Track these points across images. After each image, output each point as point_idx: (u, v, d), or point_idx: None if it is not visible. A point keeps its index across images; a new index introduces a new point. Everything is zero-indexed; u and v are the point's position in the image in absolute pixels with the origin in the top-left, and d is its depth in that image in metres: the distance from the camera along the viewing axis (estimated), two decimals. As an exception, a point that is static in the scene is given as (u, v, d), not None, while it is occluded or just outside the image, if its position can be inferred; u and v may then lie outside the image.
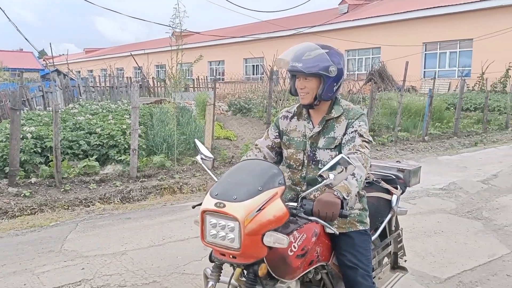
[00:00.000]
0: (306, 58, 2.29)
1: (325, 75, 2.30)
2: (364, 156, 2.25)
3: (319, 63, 2.29)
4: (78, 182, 6.64)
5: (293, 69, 2.32)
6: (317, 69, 2.28)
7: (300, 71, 2.30)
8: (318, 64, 2.28)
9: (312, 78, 2.33)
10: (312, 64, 2.28)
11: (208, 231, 1.97)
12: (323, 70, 2.29)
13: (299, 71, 2.31)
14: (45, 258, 4.20)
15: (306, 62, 2.28)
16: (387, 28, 24.84)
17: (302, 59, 2.29)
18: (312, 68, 2.28)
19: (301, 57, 2.30)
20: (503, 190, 6.72)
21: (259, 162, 2.22)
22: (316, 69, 2.28)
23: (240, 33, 32.95)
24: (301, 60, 2.29)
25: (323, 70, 2.29)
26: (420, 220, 5.24)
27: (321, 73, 2.29)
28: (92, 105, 11.17)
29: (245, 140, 10.41)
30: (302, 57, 2.30)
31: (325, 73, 2.29)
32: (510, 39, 19.26)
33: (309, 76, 2.32)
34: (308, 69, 2.28)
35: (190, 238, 4.72)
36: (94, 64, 42.99)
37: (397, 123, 11.12)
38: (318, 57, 2.30)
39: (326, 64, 2.29)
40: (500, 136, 12.48)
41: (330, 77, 2.31)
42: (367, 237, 2.44)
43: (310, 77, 2.32)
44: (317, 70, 2.28)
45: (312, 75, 2.31)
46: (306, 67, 2.28)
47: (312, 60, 2.28)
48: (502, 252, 4.31)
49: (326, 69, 2.29)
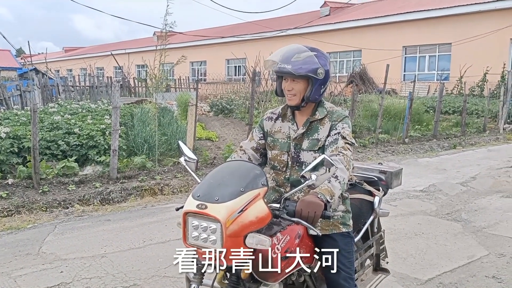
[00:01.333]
0: (295, 60, 2.28)
1: (314, 77, 2.30)
2: (346, 158, 2.26)
3: (308, 65, 2.29)
4: (56, 183, 6.52)
5: (282, 70, 2.31)
6: (306, 71, 2.28)
7: (290, 73, 2.29)
8: (307, 66, 2.28)
9: (300, 80, 2.33)
10: (301, 66, 2.28)
11: (190, 233, 1.94)
12: (311, 72, 2.29)
13: (288, 73, 2.30)
14: (23, 261, 4.11)
15: (295, 64, 2.28)
16: (368, 31, 25.10)
17: (291, 60, 2.28)
18: (301, 70, 2.27)
19: (290, 59, 2.29)
20: (481, 192, 6.83)
21: (241, 163, 2.21)
22: (305, 71, 2.28)
23: (223, 33, 32.91)
24: (290, 62, 2.28)
25: (311, 72, 2.29)
26: (401, 221, 5.29)
27: (310, 75, 2.29)
28: (72, 105, 11.00)
29: (227, 141, 10.37)
30: (291, 58, 2.29)
31: (314, 75, 2.29)
32: (487, 44, 19.66)
33: (298, 78, 2.32)
34: (297, 71, 2.27)
35: (171, 240, 4.67)
36: (74, 63, 42.34)
37: (378, 125, 11.23)
38: (307, 59, 2.30)
39: (314, 66, 2.30)
40: (478, 139, 12.71)
41: (318, 79, 2.32)
42: (350, 239, 2.44)
43: (298, 79, 2.32)
44: (306, 72, 2.28)
45: (301, 77, 2.31)
46: (295, 68, 2.27)
47: (301, 62, 2.28)
48: (480, 254, 4.37)
49: (315, 71, 2.29)
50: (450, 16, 21.63)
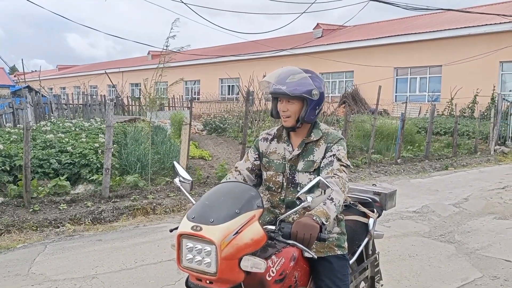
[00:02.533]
0: (290, 81, 2.32)
1: (308, 98, 2.33)
2: (342, 181, 2.27)
3: (303, 86, 2.32)
4: (47, 202, 6.44)
5: (277, 91, 2.34)
6: (300, 92, 2.31)
7: (284, 94, 2.32)
8: (301, 87, 2.32)
9: (295, 101, 2.35)
10: (296, 87, 2.31)
11: (184, 255, 1.92)
12: (306, 93, 2.32)
13: (283, 94, 2.33)
14: (12, 282, 4.03)
15: (290, 85, 2.31)
16: (360, 53, 25.41)
17: (286, 82, 2.32)
18: (296, 91, 2.30)
19: (285, 80, 2.33)
20: (473, 213, 6.85)
21: (236, 184, 2.20)
22: (300, 92, 2.31)
23: (216, 53, 33.15)
24: (285, 83, 2.32)
25: (306, 93, 2.32)
26: (394, 243, 5.27)
27: (305, 96, 2.32)
28: (65, 123, 10.96)
29: (220, 160, 10.35)
30: (286, 80, 2.33)
31: (308, 96, 2.32)
32: (477, 67, 19.95)
33: (292, 99, 2.34)
34: (292, 91, 2.30)
35: (163, 261, 4.62)
36: (67, 81, 42.39)
37: (370, 145, 11.28)
38: (301, 80, 2.33)
39: (309, 87, 2.33)
40: (469, 160, 12.79)
41: (312, 100, 2.34)
42: (345, 262, 2.43)
43: (293, 100, 2.35)
44: (300, 93, 2.31)
45: (296, 98, 2.34)
46: (290, 89, 2.30)
47: (296, 83, 2.32)
48: (474, 276, 4.36)
49: (309, 93, 2.32)
50: (440, 39, 21.98)
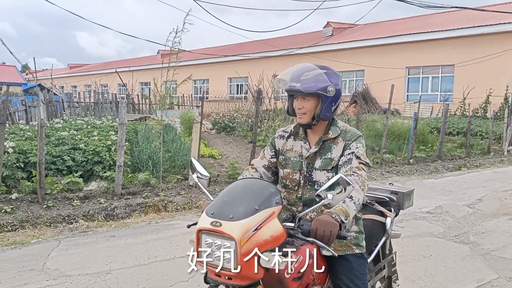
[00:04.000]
0: (304, 78, 2.29)
1: (323, 95, 2.30)
2: (361, 179, 2.23)
3: (318, 83, 2.29)
4: (61, 198, 6.49)
5: (292, 88, 2.31)
6: (315, 89, 2.28)
7: (299, 91, 2.29)
8: (316, 84, 2.28)
9: (310, 98, 2.32)
10: (310, 84, 2.28)
11: (203, 250, 1.91)
12: (321, 90, 2.28)
13: (297, 91, 2.30)
14: (27, 277, 4.06)
15: (304, 82, 2.28)
16: (371, 52, 25.26)
17: (301, 79, 2.29)
18: (311, 88, 2.27)
19: (300, 77, 2.29)
20: (488, 214, 6.77)
21: (255, 181, 2.19)
22: (315, 89, 2.28)
23: (226, 52, 33.16)
24: (299, 80, 2.29)
25: (321, 90, 2.28)
26: (408, 243, 5.23)
27: (320, 93, 2.28)
28: (77, 121, 11.03)
29: (230, 158, 10.36)
30: (300, 77, 2.29)
31: (323, 93, 2.29)
32: (490, 66, 19.74)
33: (307, 96, 2.31)
34: (306, 88, 2.27)
35: (175, 258, 4.62)
36: (78, 79, 42.67)
37: (382, 145, 11.20)
38: (316, 77, 2.30)
39: (324, 84, 2.29)
40: (482, 161, 12.66)
41: (328, 97, 2.31)
42: (364, 260, 2.40)
43: (308, 97, 2.32)
44: (315, 90, 2.28)
45: (310, 95, 2.30)
46: (304, 87, 2.27)
47: (310, 80, 2.28)
48: (490, 277, 4.31)
49: (324, 89, 2.29)
50: (453, 38, 21.77)
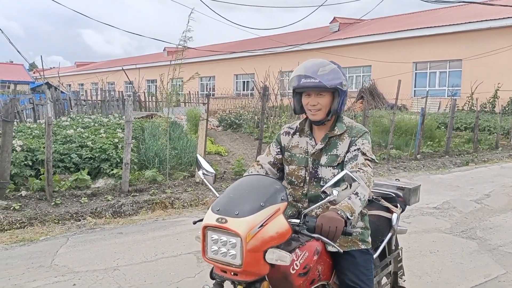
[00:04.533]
0: (322, 73, 2.25)
1: (340, 90, 2.29)
2: (367, 175, 2.23)
3: (336, 78, 2.27)
4: (69, 195, 6.54)
5: (308, 84, 2.26)
6: (335, 83, 2.26)
7: (319, 86, 2.25)
8: (335, 79, 2.27)
9: (325, 94, 2.30)
10: (330, 79, 2.25)
11: (209, 247, 1.92)
12: (339, 85, 2.28)
13: (317, 87, 2.26)
14: (35, 273, 4.10)
15: (323, 77, 2.25)
16: (378, 47, 25.15)
17: (318, 74, 2.25)
18: (332, 83, 2.25)
19: (317, 73, 2.25)
20: (495, 209, 6.74)
21: (261, 177, 2.19)
22: (335, 83, 2.26)
23: (232, 49, 33.16)
24: (317, 76, 2.25)
25: (339, 84, 2.28)
26: (415, 239, 5.21)
27: (338, 88, 2.28)
28: (84, 119, 11.09)
29: (236, 155, 10.37)
30: (317, 72, 2.26)
31: (341, 87, 2.29)
32: (498, 61, 19.59)
33: (323, 92, 2.29)
34: (329, 83, 2.25)
35: (182, 254, 4.65)
36: (85, 78, 42.90)
37: (389, 141, 11.15)
38: (332, 71, 2.28)
39: (341, 78, 2.29)
40: (490, 156, 12.58)
41: (344, 92, 2.31)
42: (369, 256, 2.40)
43: (324, 93, 2.30)
44: (335, 84, 2.26)
45: (326, 91, 2.28)
46: (327, 82, 2.24)
47: (329, 75, 2.26)
48: (497, 273, 4.29)
49: (341, 84, 2.29)
50: (460, 33, 21.63)
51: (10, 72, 31.79)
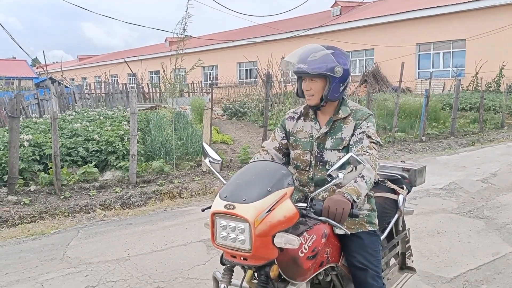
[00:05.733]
0: (311, 59, 2.28)
1: (331, 76, 2.29)
2: (372, 158, 2.24)
3: (325, 64, 2.28)
4: (78, 189, 6.61)
5: (299, 70, 2.31)
6: (322, 70, 2.27)
7: (305, 73, 2.30)
8: (323, 65, 2.28)
9: (318, 79, 2.32)
10: (317, 65, 2.27)
11: (218, 233, 1.95)
12: (328, 71, 2.28)
13: (304, 73, 2.30)
14: (48, 266, 4.17)
15: (311, 63, 2.28)
16: (380, 30, 24.94)
17: (308, 60, 2.28)
18: (318, 69, 2.27)
19: (307, 59, 2.29)
20: (502, 188, 6.74)
21: (267, 163, 2.21)
22: (322, 70, 2.27)
23: (233, 37, 32.99)
24: (306, 62, 2.28)
25: (328, 70, 2.28)
26: (422, 220, 5.24)
27: (327, 74, 2.28)
28: (89, 112, 11.14)
29: (242, 143, 10.40)
30: (307, 58, 2.29)
31: (331, 73, 2.28)
32: (502, 39, 19.39)
33: (315, 77, 2.31)
34: (313, 70, 2.27)
35: (192, 243, 4.70)
36: (88, 71, 42.92)
37: (394, 124, 11.14)
38: (323, 58, 2.29)
39: (331, 64, 2.29)
40: (496, 135, 12.54)
41: (335, 78, 2.31)
42: (377, 238, 2.43)
43: (316, 78, 2.32)
44: (322, 71, 2.27)
45: (318, 76, 2.30)
46: (311, 68, 2.27)
47: (317, 61, 2.28)
48: (506, 251, 4.32)
49: (332, 70, 2.29)
50: (463, 12, 21.38)
51: (13, 68, 31.87)
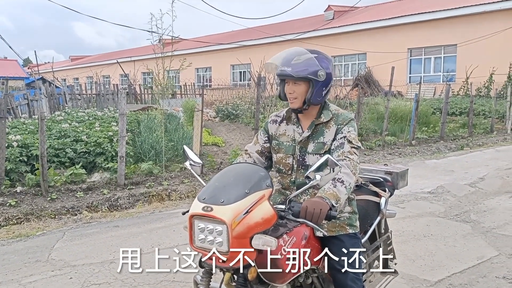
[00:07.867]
0: (295, 62, 2.29)
1: (314, 80, 2.30)
2: (353, 163, 2.26)
3: (308, 67, 2.29)
4: (64, 190, 6.56)
5: (282, 73, 2.32)
6: (306, 73, 2.28)
7: (289, 75, 2.30)
8: (307, 68, 2.29)
9: (301, 83, 2.33)
10: (301, 68, 2.28)
11: (196, 235, 1.95)
12: (312, 75, 2.29)
13: (288, 75, 2.31)
14: (32, 268, 4.13)
15: (295, 66, 2.28)
16: (373, 34, 25.08)
17: (291, 63, 2.29)
18: (301, 72, 2.28)
19: (290, 62, 2.30)
20: (490, 193, 6.79)
21: (245, 165, 2.22)
22: (305, 73, 2.28)
23: (227, 40, 33.02)
24: (290, 65, 2.29)
25: (312, 74, 2.29)
26: (409, 223, 5.27)
27: (310, 77, 2.29)
28: (78, 113, 11.08)
29: (233, 146, 10.39)
30: (291, 61, 2.30)
31: (314, 77, 2.29)
32: (493, 45, 19.57)
33: (298, 81, 2.32)
34: (297, 73, 2.28)
35: (179, 245, 4.67)
36: (80, 71, 42.68)
37: (384, 127, 11.19)
38: (307, 61, 2.30)
39: (315, 68, 2.30)
40: (485, 140, 12.63)
41: (319, 82, 2.31)
42: (357, 240, 2.43)
43: (299, 82, 2.32)
44: (306, 74, 2.28)
45: (301, 80, 2.31)
46: (295, 71, 2.28)
47: (301, 65, 2.29)
48: (490, 255, 4.34)
49: (315, 74, 2.29)
50: (454, 17, 21.57)
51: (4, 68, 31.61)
